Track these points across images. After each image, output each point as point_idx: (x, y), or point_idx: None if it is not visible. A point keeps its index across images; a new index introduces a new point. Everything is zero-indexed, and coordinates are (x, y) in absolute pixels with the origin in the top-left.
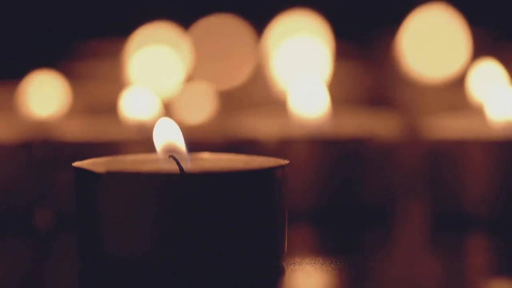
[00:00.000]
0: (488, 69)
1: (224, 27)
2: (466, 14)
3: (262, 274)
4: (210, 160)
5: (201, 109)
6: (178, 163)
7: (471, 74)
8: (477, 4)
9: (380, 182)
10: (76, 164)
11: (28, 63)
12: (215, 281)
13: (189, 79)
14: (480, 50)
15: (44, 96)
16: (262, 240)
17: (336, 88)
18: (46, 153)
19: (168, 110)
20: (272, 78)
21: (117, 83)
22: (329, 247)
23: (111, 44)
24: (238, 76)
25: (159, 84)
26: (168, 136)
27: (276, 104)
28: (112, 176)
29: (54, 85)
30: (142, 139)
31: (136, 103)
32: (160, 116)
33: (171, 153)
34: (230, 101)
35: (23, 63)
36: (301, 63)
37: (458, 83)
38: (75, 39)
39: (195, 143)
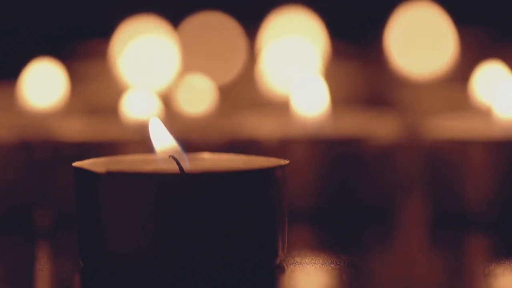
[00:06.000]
0: (487, 69)
1: (215, 24)
2: (465, 14)
3: (262, 274)
4: (210, 160)
5: (198, 104)
6: (178, 163)
7: (471, 74)
8: (476, 4)
9: (380, 182)
10: (76, 164)
11: (28, 62)
12: (215, 280)
13: (182, 75)
14: (479, 50)
15: (43, 88)
16: (262, 240)
17: (336, 88)
18: (46, 153)
19: (164, 107)
20: (266, 77)
21: (117, 83)
22: (329, 247)
23: (111, 43)
24: (230, 74)
25: (153, 81)
26: (160, 138)
27: (273, 103)
28: (112, 176)
29: (54, 77)
30: (142, 139)
31: (136, 103)
32: (154, 116)
33: (169, 154)
34: (226, 99)
35: (23, 61)
36: (298, 63)
37: (456, 82)
38: (75, 38)
39: (194, 143)
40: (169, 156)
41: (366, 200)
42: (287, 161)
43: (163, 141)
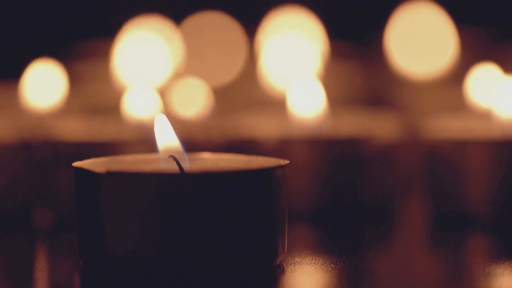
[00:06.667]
0: (487, 69)
1: (215, 24)
2: (465, 14)
3: (262, 274)
4: (210, 160)
5: (195, 105)
6: (178, 163)
7: (471, 74)
8: (476, 5)
9: (380, 182)
10: (76, 164)
11: (28, 62)
12: (215, 281)
13: (181, 75)
14: (479, 50)
15: (43, 88)
16: (262, 240)
17: (335, 88)
18: (46, 153)
19: (164, 106)
20: (265, 77)
21: (117, 83)
22: (329, 247)
23: (110, 43)
24: (229, 74)
25: (153, 80)
26: (164, 136)
27: (273, 103)
28: (112, 176)
29: (54, 77)
30: (142, 139)
31: (136, 103)
32: (157, 114)
33: (170, 153)
34: (226, 99)
35: (23, 61)
36: (298, 63)
37: (456, 82)
38: (75, 38)
39: (194, 143)
40: (169, 156)
41: (366, 200)
42: (287, 161)
43: (167, 138)
